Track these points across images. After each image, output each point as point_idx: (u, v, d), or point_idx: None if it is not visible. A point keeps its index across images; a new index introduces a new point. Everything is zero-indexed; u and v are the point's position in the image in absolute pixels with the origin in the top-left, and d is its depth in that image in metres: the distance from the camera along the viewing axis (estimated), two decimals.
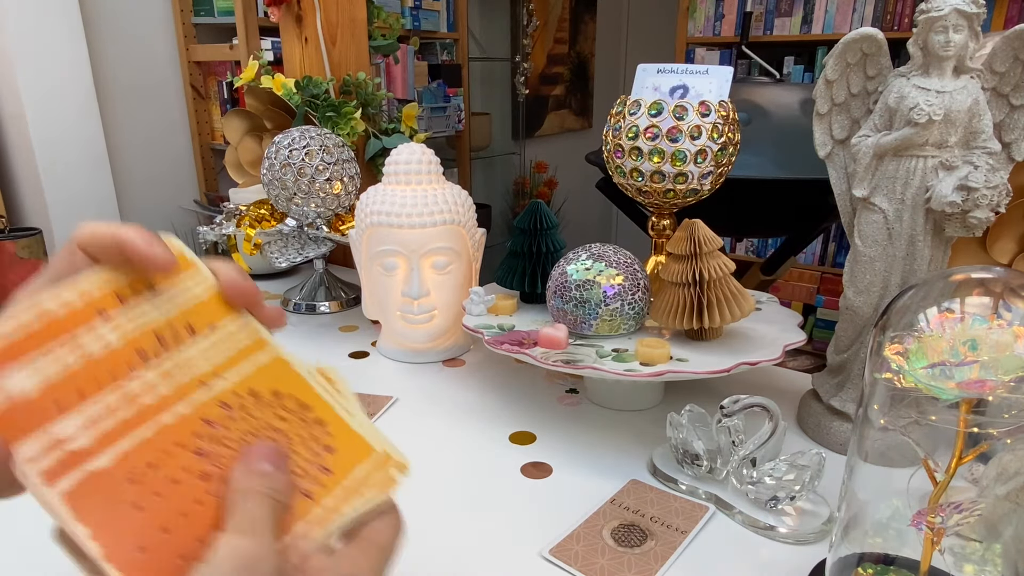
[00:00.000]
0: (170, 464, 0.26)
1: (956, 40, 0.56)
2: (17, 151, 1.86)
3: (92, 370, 0.25)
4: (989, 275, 0.38)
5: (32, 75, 1.75)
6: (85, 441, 0.24)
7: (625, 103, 0.71)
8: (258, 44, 1.93)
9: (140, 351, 0.27)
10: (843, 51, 0.61)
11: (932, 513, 0.39)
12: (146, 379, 0.27)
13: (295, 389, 0.30)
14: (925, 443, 0.39)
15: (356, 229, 0.88)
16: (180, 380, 0.27)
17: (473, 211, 0.88)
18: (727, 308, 0.67)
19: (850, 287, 0.65)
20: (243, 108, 1.16)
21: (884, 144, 0.59)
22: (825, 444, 0.67)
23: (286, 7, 1.19)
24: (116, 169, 2.01)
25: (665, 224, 0.76)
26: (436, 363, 0.89)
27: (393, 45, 1.29)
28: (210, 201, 2.25)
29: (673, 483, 0.62)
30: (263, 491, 0.26)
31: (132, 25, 2.02)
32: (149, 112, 2.11)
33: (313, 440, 0.29)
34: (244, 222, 1.01)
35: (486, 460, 0.67)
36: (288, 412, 0.29)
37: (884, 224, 0.61)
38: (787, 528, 0.55)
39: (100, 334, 0.26)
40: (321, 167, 0.95)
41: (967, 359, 0.36)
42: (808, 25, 2.56)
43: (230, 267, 0.30)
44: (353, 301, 1.10)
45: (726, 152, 0.69)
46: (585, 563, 0.52)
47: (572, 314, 0.71)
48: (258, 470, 0.27)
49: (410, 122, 1.24)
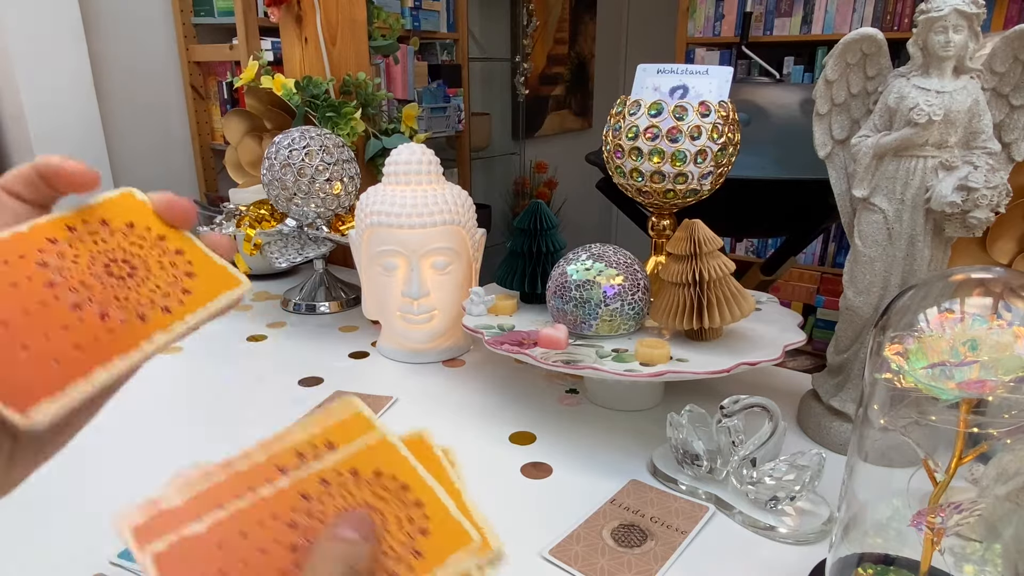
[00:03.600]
0: (261, 535, 0.26)
1: (956, 40, 0.56)
2: (17, 151, 1.86)
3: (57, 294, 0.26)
4: (989, 275, 0.38)
5: (32, 75, 1.75)
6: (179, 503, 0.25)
7: (625, 103, 0.71)
8: (258, 44, 1.93)
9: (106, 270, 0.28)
10: (843, 51, 0.61)
11: (932, 513, 0.39)
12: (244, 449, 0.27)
13: (397, 468, 0.30)
14: (925, 443, 0.39)
15: (356, 229, 0.88)
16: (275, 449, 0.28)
17: (473, 211, 0.88)
18: (727, 308, 0.67)
19: (850, 287, 0.65)
20: (243, 108, 1.16)
21: (884, 144, 0.59)
22: (825, 444, 0.67)
23: (286, 7, 1.19)
24: (116, 169, 2.01)
25: (665, 224, 0.76)
26: (436, 363, 0.89)
27: (393, 45, 1.29)
28: (210, 201, 2.25)
29: (673, 483, 0.62)
30: (341, 558, 0.26)
31: (132, 25, 2.02)
32: (149, 112, 2.11)
33: (409, 522, 0.29)
34: (244, 222, 1.01)
35: (486, 460, 0.67)
36: (387, 492, 0.29)
37: (884, 224, 0.61)
38: (787, 528, 0.55)
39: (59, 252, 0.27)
40: (321, 167, 0.95)
41: (967, 359, 0.36)
42: (808, 25, 2.56)
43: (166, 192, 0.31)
44: (353, 301, 1.10)
45: (726, 152, 0.69)
46: (585, 563, 0.52)
47: (572, 314, 0.71)
48: (342, 537, 0.26)
49: (410, 122, 1.24)
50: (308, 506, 0.27)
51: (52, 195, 0.29)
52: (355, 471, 0.29)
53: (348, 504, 0.28)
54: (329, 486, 0.28)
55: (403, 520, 0.29)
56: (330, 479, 0.28)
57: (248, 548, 0.25)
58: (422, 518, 0.29)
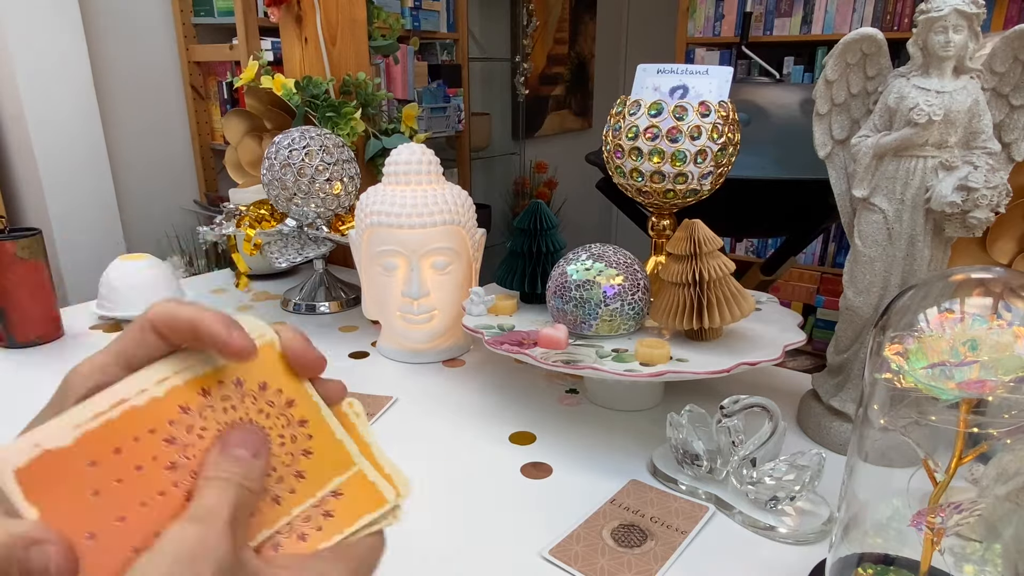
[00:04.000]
0: (137, 451, 0.24)
1: (956, 40, 0.56)
2: (17, 151, 1.86)
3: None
4: (989, 275, 0.38)
5: (32, 75, 1.75)
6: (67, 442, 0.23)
7: (625, 103, 0.71)
8: (258, 44, 1.93)
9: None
10: (843, 51, 0.61)
11: (932, 513, 0.39)
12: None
13: (285, 385, 0.28)
14: (925, 443, 0.39)
15: (356, 229, 0.88)
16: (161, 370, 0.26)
17: (473, 211, 0.88)
18: (727, 308, 0.67)
19: (850, 287, 0.65)
20: (243, 108, 1.16)
21: (884, 144, 0.59)
22: (825, 444, 0.67)
23: (286, 7, 1.19)
24: (116, 169, 2.01)
25: (665, 224, 0.76)
26: (436, 363, 0.89)
27: (393, 45, 1.29)
28: (210, 201, 2.25)
29: (673, 483, 0.62)
30: (231, 479, 0.24)
31: (132, 25, 2.02)
32: (149, 112, 2.11)
33: (292, 441, 0.27)
34: (244, 222, 1.01)
35: (486, 460, 0.67)
36: (272, 408, 0.27)
37: (884, 224, 0.61)
38: (787, 528, 0.55)
39: (188, 425, 0.25)
40: (321, 167, 0.95)
41: (967, 359, 0.36)
42: (808, 25, 2.56)
43: (294, 334, 0.28)
44: (353, 301, 1.10)
45: (726, 152, 0.69)
46: (585, 563, 0.52)
47: (572, 314, 0.71)
48: (233, 456, 0.25)
49: (410, 122, 1.24)
50: (187, 419, 0.25)
51: (198, 347, 0.26)
52: (239, 380, 0.27)
53: (231, 419, 0.26)
54: (210, 396, 0.26)
55: (287, 439, 0.27)
56: (211, 389, 0.26)
57: (122, 465, 0.24)
58: (305, 439, 0.28)
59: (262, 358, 0.27)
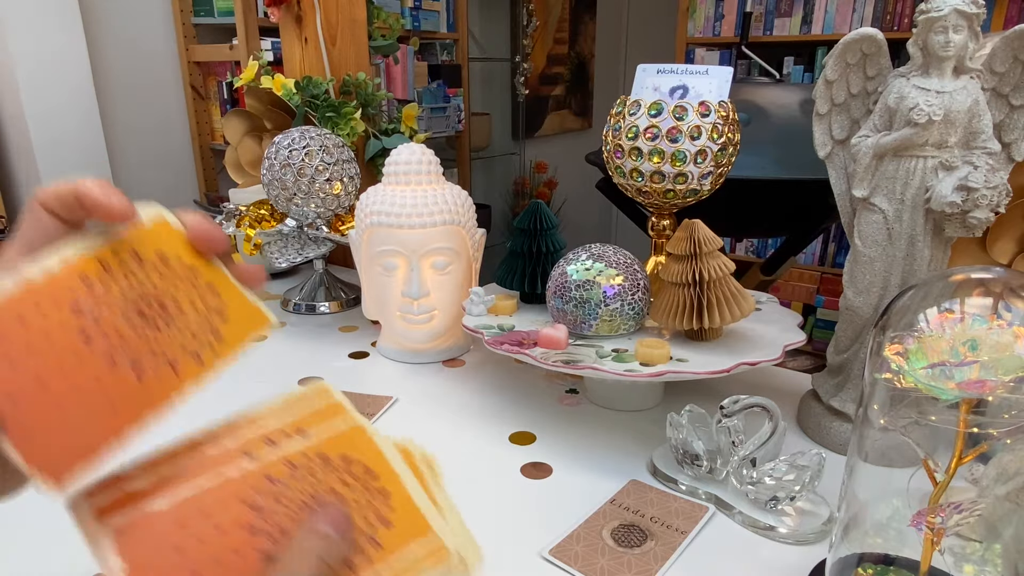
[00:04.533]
0: (223, 515, 0.26)
1: (956, 40, 0.56)
2: (17, 151, 1.86)
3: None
4: (989, 275, 0.38)
5: (32, 75, 1.75)
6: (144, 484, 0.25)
7: (625, 103, 0.71)
8: (258, 44, 1.93)
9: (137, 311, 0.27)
10: (843, 51, 0.61)
11: (932, 513, 0.39)
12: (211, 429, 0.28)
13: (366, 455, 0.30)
14: (925, 443, 0.39)
15: (356, 229, 0.88)
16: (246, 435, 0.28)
17: (473, 211, 0.88)
18: (727, 308, 0.67)
19: (850, 287, 0.65)
20: (243, 108, 1.16)
21: (884, 144, 0.59)
22: (825, 444, 0.67)
23: (286, 7, 1.19)
24: (116, 169, 2.01)
25: (665, 224, 0.76)
26: (436, 363, 0.89)
27: (393, 45, 1.29)
28: (210, 201, 2.25)
29: (673, 483, 0.62)
30: (316, 553, 0.26)
31: (132, 25, 2.02)
32: (149, 112, 2.11)
33: (372, 510, 0.29)
34: (244, 222, 1.01)
35: (486, 460, 0.67)
36: (354, 478, 0.29)
37: (884, 224, 0.61)
38: (787, 528, 0.55)
39: (91, 293, 0.27)
40: (321, 167, 0.95)
41: (967, 359, 0.36)
42: (808, 25, 2.56)
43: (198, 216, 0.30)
44: (353, 301, 1.10)
45: (726, 152, 0.69)
46: (585, 563, 0.52)
47: (572, 314, 0.71)
48: (320, 532, 0.27)
49: (410, 122, 1.24)
50: (273, 488, 0.27)
51: (86, 217, 0.28)
52: (323, 455, 0.29)
53: (313, 488, 0.28)
54: (296, 469, 0.28)
55: (365, 508, 0.29)
56: (297, 462, 0.28)
57: (207, 527, 0.25)
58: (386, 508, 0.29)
59: (156, 231, 0.29)
